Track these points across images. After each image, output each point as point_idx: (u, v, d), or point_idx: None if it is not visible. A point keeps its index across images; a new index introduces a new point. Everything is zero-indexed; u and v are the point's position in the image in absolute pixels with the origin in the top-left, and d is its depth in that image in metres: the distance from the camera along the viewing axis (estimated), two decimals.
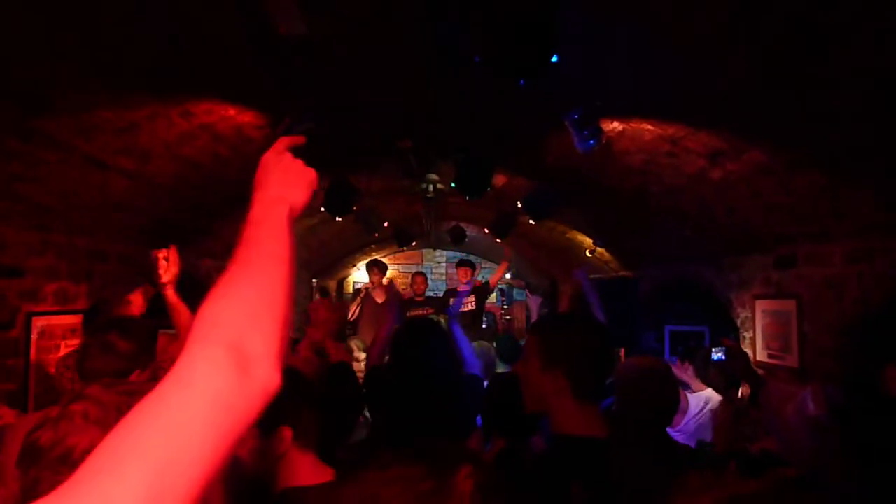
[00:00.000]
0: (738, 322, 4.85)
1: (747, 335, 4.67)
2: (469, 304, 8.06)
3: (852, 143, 2.82)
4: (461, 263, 8.40)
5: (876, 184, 2.98)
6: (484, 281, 8.53)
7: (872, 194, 3.05)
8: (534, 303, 5.73)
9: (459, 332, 3.67)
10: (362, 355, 4.45)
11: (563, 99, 3.35)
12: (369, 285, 8.58)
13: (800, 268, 3.97)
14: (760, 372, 3.60)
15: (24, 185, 3.20)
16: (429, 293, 13.34)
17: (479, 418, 3.07)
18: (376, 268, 8.55)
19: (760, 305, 4.48)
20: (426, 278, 8.73)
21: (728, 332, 5.42)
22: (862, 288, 3.39)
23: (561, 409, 1.77)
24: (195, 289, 5.21)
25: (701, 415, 3.82)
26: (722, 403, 3.87)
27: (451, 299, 7.96)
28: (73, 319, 3.76)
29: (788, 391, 2.94)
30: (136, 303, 3.28)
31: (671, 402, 2.62)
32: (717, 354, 4.08)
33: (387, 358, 3.33)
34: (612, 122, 3.65)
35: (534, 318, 5.51)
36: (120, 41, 2.50)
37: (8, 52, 2.32)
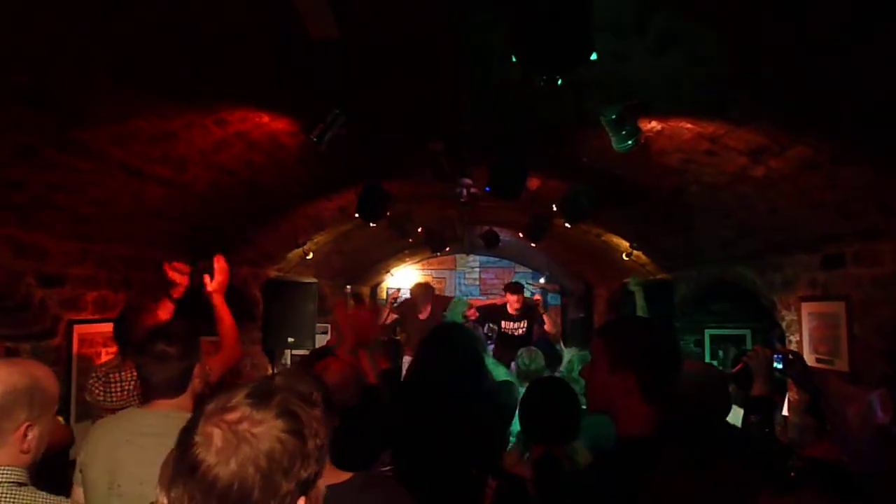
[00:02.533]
0: (784, 325, 4.70)
1: (793, 338, 4.53)
2: (520, 330, 7.80)
3: None
4: (510, 289, 7.82)
5: None
6: (532, 302, 8.02)
7: None
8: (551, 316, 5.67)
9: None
10: None
11: (599, 98, 3.29)
12: (395, 294, 8.56)
13: (848, 267, 3.83)
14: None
15: (63, 195, 3.24)
16: (461, 298, 13.34)
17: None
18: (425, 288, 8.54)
19: (807, 308, 4.33)
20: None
21: (772, 335, 5.28)
22: None
23: (629, 411, 1.78)
24: (233, 297, 5.22)
25: None
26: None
27: (503, 322, 7.80)
28: (111, 327, 3.80)
29: (850, 392, 2.83)
30: (162, 315, 3.31)
31: (722, 407, 2.55)
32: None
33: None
34: (649, 122, 3.57)
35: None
36: (153, 50, 2.51)
37: (44, 63, 2.34)
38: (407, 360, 6.77)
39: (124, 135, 3.09)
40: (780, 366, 3.21)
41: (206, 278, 3.22)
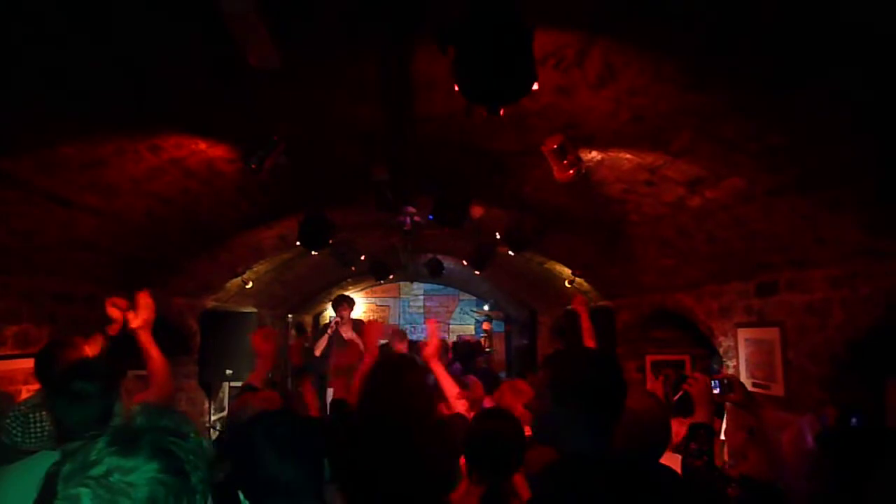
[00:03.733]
0: (721, 351, 4.80)
1: (730, 364, 4.62)
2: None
3: (834, 167, 2.81)
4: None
5: (858, 208, 2.96)
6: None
7: (854, 219, 3.03)
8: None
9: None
10: None
11: (542, 129, 3.32)
12: (338, 320, 8.37)
13: (781, 295, 3.94)
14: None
15: None
16: (406, 326, 13.25)
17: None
18: (345, 303, 8.40)
19: (743, 334, 4.43)
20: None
21: (710, 361, 5.39)
22: (846, 313, 3.36)
23: (575, 445, 1.76)
24: (166, 329, 5.03)
25: None
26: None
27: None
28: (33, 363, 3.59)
29: (782, 419, 2.89)
30: (89, 351, 3.13)
31: (662, 438, 2.55)
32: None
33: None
34: (590, 152, 3.62)
35: None
36: (80, 72, 2.41)
37: None
38: (330, 391, 6.58)
39: (51, 162, 2.95)
40: (717, 391, 3.26)
41: (130, 315, 3.06)
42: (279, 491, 1.65)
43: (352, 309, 8.43)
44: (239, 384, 6.64)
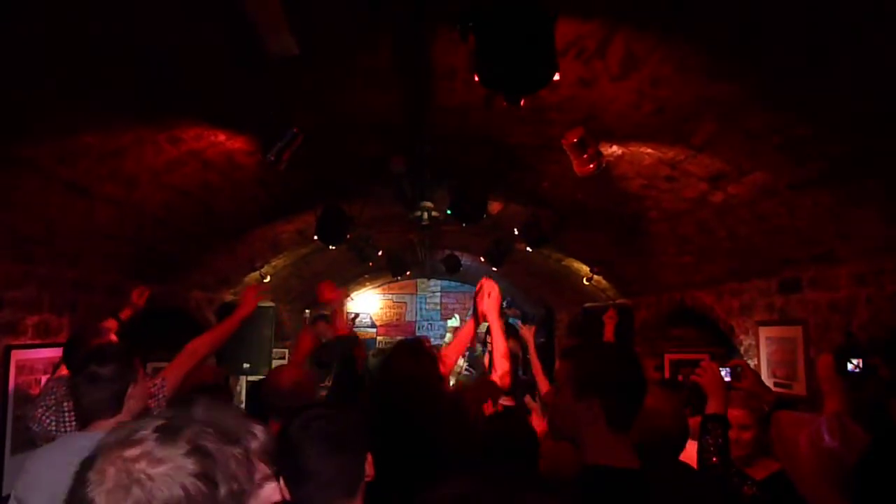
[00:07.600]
0: (742, 349, 4.73)
1: (751, 363, 4.55)
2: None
3: (859, 159, 2.75)
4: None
5: (883, 202, 2.90)
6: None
7: (879, 214, 2.97)
8: (528, 332, 5.76)
9: None
10: None
11: (562, 122, 3.28)
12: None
13: (804, 292, 3.87)
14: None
15: (3, 214, 3.09)
16: (422, 323, 13.24)
17: None
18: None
19: (764, 332, 4.37)
20: None
21: (731, 359, 5.31)
22: (872, 311, 3.29)
23: (594, 439, 1.73)
24: (184, 321, 5.05)
25: None
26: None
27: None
28: (54, 353, 3.61)
29: (801, 418, 2.83)
30: (115, 337, 3.17)
31: (680, 432, 2.51)
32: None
33: None
34: (610, 146, 3.57)
35: (531, 348, 5.68)
36: (103, 63, 2.41)
37: None
38: None
39: (71, 151, 2.96)
40: (729, 379, 3.19)
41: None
42: (316, 484, 1.63)
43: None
44: (256, 378, 6.69)
